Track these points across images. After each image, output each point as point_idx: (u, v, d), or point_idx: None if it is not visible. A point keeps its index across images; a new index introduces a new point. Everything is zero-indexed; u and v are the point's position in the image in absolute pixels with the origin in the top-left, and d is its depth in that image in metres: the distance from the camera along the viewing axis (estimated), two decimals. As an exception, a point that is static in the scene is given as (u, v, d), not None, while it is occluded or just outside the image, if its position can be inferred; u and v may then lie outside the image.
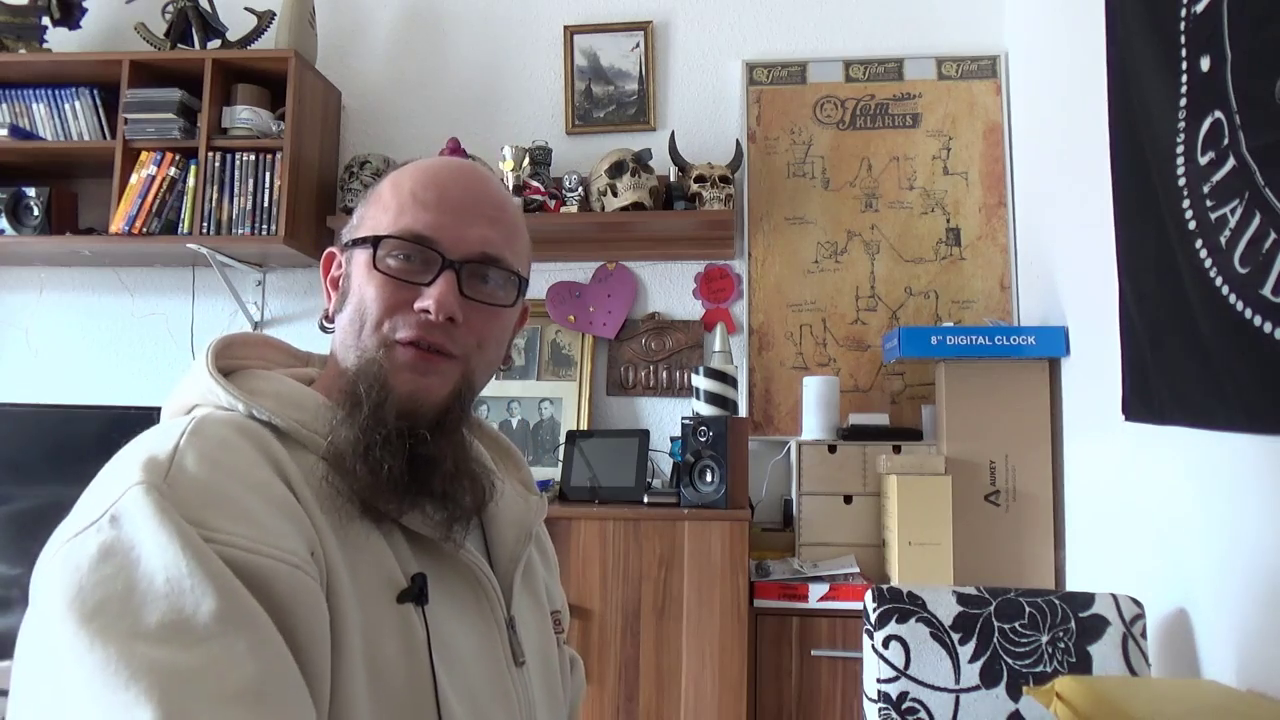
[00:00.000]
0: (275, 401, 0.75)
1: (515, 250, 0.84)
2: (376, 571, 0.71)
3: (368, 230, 0.81)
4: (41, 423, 2.44)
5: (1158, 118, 1.54)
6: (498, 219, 0.82)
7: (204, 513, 0.60)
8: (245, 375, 0.78)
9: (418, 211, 0.79)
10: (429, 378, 0.77)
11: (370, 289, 0.78)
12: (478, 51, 2.77)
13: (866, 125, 2.59)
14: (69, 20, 2.69)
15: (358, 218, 0.84)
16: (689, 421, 2.14)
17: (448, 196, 0.80)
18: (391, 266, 0.78)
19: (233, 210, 2.46)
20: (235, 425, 0.69)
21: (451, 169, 0.83)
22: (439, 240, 0.78)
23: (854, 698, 1.97)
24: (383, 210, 0.81)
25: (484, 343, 0.82)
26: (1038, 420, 2.12)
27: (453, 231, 0.79)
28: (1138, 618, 1.54)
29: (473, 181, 0.83)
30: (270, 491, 0.66)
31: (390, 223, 0.79)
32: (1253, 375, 1.27)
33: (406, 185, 0.81)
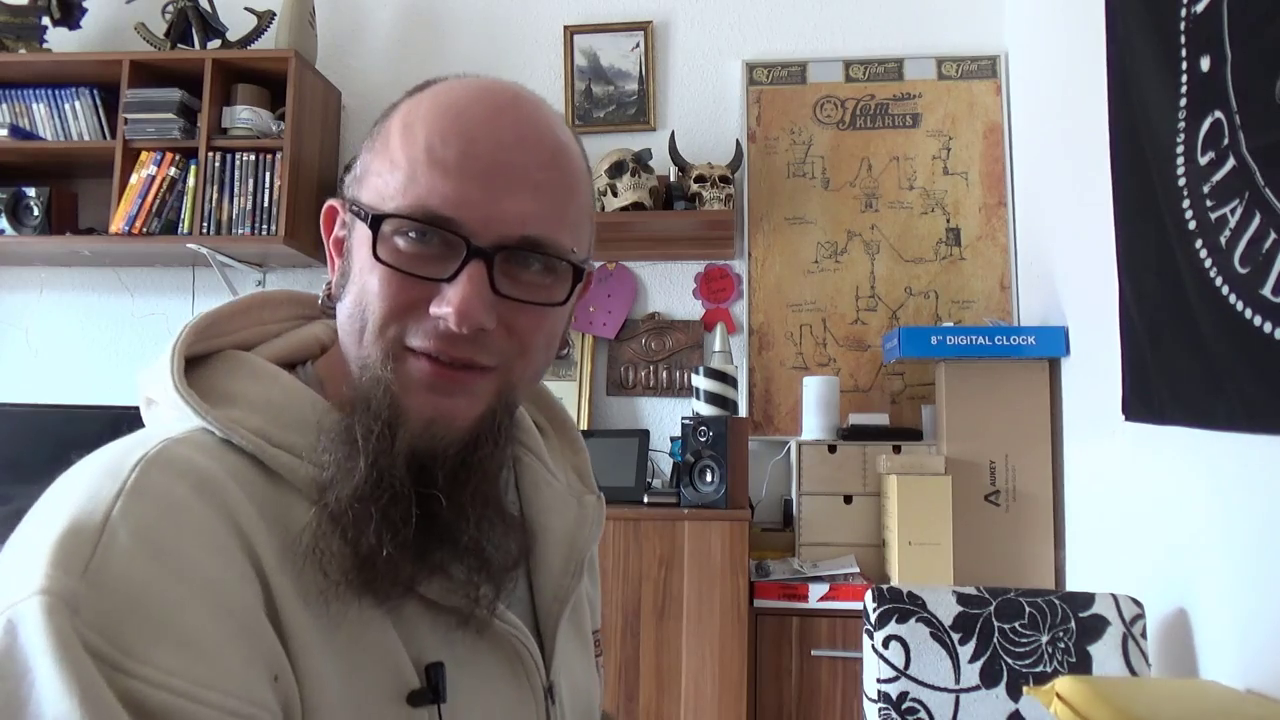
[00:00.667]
0: (262, 418, 0.58)
1: (570, 223, 0.62)
2: (380, 669, 0.56)
3: (370, 194, 0.60)
4: (41, 423, 2.44)
5: (1158, 118, 1.54)
6: (547, 182, 0.60)
7: (127, 634, 0.46)
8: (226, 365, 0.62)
9: (435, 176, 0.57)
10: (454, 399, 0.59)
11: (372, 280, 0.59)
12: (478, 51, 2.76)
13: (866, 125, 2.59)
14: (69, 20, 2.69)
15: (362, 166, 0.63)
16: (689, 421, 2.14)
17: (476, 152, 0.58)
18: (400, 252, 0.58)
19: (233, 210, 2.46)
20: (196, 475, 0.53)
21: (485, 104, 0.61)
22: (462, 220, 0.57)
23: (854, 698, 1.97)
24: (390, 166, 0.60)
25: (529, 348, 0.62)
26: (1038, 420, 2.12)
27: (483, 205, 0.57)
28: (1138, 618, 1.54)
29: (513, 123, 0.60)
30: (223, 595, 0.50)
31: (398, 189, 0.58)
32: (1253, 375, 1.27)
33: (421, 132, 0.59)
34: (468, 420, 0.60)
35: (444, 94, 0.62)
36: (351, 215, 0.62)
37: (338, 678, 0.54)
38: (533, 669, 0.66)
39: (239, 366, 0.62)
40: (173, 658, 0.46)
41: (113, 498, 0.50)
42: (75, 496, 0.51)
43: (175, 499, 0.51)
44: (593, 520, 0.76)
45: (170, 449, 0.54)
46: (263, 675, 0.50)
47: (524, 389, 0.66)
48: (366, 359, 0.59)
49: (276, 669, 0.51)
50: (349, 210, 0.62)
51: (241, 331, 0.65)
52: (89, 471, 0.53)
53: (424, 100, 0.62)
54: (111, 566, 0.47)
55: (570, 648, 0.73)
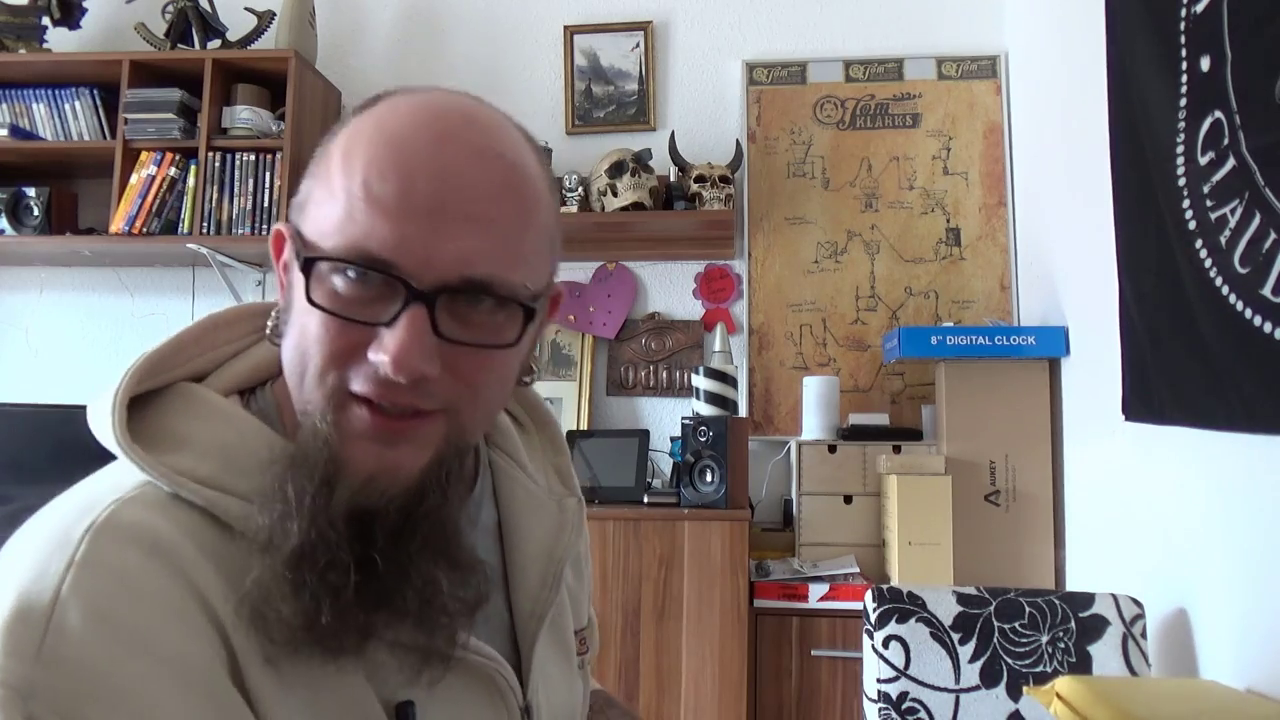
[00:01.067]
0: (213, 464, 0.55)
1: (524, 256, 0.58)
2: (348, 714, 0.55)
3: (310, 227, 0.56)
4: (41, 423, 2.44)
5: (1158, 118, 1.54)
6: (493, 216, 0.56)
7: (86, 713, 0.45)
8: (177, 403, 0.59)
9: (372, 216, 0.53)
10: (398, 449, 0.55)
11: (311, 325, 0.55)
12: (478, 51, 2.77)
13: (866, 125, 2.59)
14: (69, 20, 2.69)
15: (305, 191, 0.59)
16: (689, 421, 2.14)
17: (416, 188, 0.54)
18: (337, 296, 0.54)
19: (233, 210, 2.46)
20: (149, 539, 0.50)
21: (429, 133, 0.56)
22: (400, 263, 0.53)
23: (854, 698, 1.97)
24: (329, 196, 0.56)
25: (478, 388, 0.58)
26: (1038, 420, 2.11)
27: (422, 247, 0.53)
28: (1138, 618, 1.54)
29: (459, 156, 0.56)
30: (186, 666, 0.48)
31: (333, 227, 0.54)
32: (1253, 375, 1.27)
33: (359, 164, 0.55)
34: (413, 471, 0.56)
35: (388, 118, 0.57)
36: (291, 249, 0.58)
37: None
38: (508, 691, 0.64)
39: (186, 405, 0.59)
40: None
41: (62, 572, 0.48)
42: (21, 572, 0.48)
43: (128, 568, 0.49)
44: (573, 525, 0.73)
45: (119, 513, 0.51)
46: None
47: (475, 431, 0.63)
48: (308, 405, 0.56)
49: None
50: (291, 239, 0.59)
51: (195, 360, 0.62)
52: (35, 542, 0.50)
53: (366, 124, 0.57)
54: (66, 648, 0.45)
55: (549, 660, 0.71)
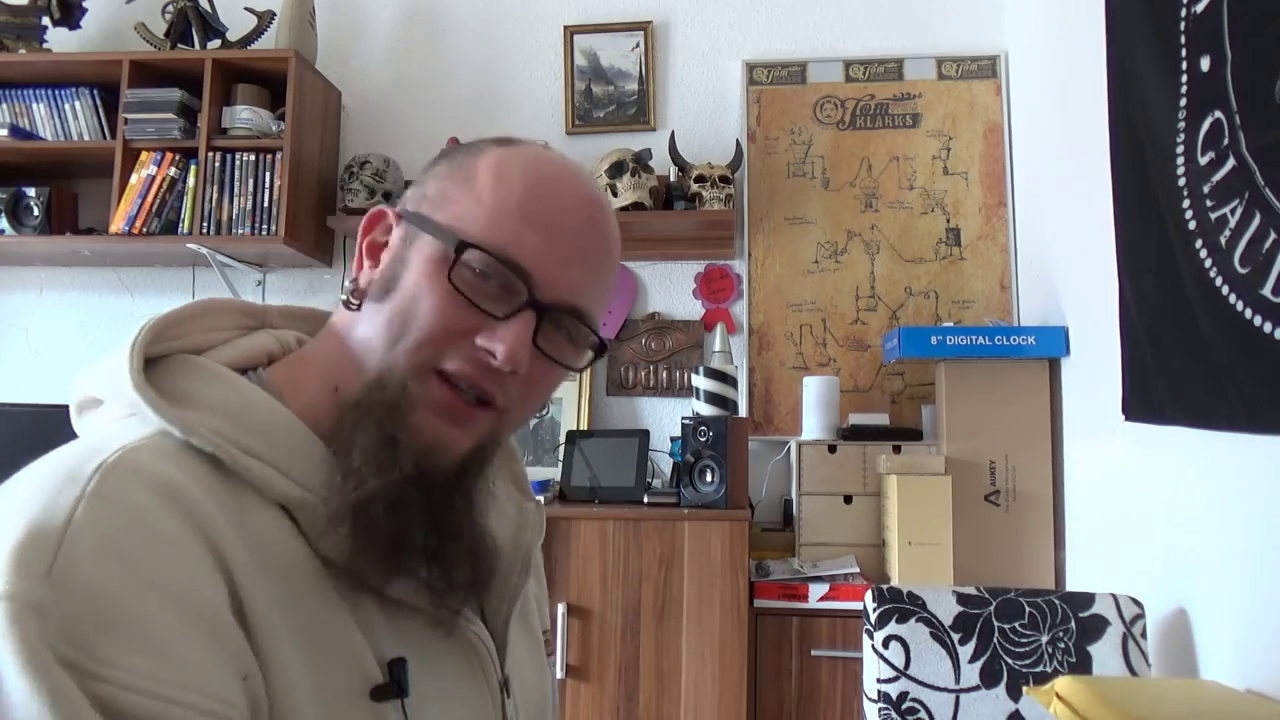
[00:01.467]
0: (222, 421, 0.58)
1: (604, 307, 0.70)
2: (344, 664, 0.57)
3: (451, 218, 0.64)
4: (41, 423, 2.44)
5: (1158, 118, 1.54)
6: (601, 268, 0.67)
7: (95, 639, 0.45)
8: (180, 369, 0.62)
9: (521, 227, 0.62)
10: (457, 430, 0.63)
11: (430, 300, 0.62)
12: (478, 51, 2.77)
13: (866, 125, 2.59)
14: (69, 20, 2.69)
15: (437, 190, 0.67)
16: (689, 421, 2.14)
17: (560, 221, 0.64)
18: (466, 281, 0.61)
19: (233, 210, 2.46)
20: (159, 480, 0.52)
21: (574, 185, 0.67)
22: (533, 273, 0.62)
23: (854, 698, 1.97)
24: (475, 201, 0.64)
25: (532, 399, 0.67)
26: (1038, 420, 2.12)
27: (553, 267, 0.63)
28: (1138, 618, 1.54)
29: (592, 212, 0.67)
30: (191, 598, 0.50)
31: (483, 225, 0.62)
32: (1253, 375, 1.27)
33: (516, 185, 0.64)
34: (461, 451, 0.63)
35: (542, 160, 0.67)
36: (415, 228, 0.65)
37: (305, 674, 0.54)
38: (488, 663, 0.68)
39: (191, 369, 0.62)
40: (142, 660, 0.46)
41: (73, 502, 0.49)
42: (31, 503, 0.50)
43: (138, 505, 0.51)
44: (533, 524, 0.78)
45: (130, 455, 0.53)
46: (233, 676, 0.50)
47: (510, 434, 0.71)
48: (393, 366, 0.61)
49: (245, 670, 0.51)
50: (411, 222, 0.65)
51: (193, 336, 0.65)
52: (42, 479, 0.52)
53: (518, 157, 0.66)
54: (76, 570, 0.47)
55: (521, 645, 0.75)
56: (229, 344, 0.67)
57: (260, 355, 0.68)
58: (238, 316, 0.70)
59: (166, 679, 0.46)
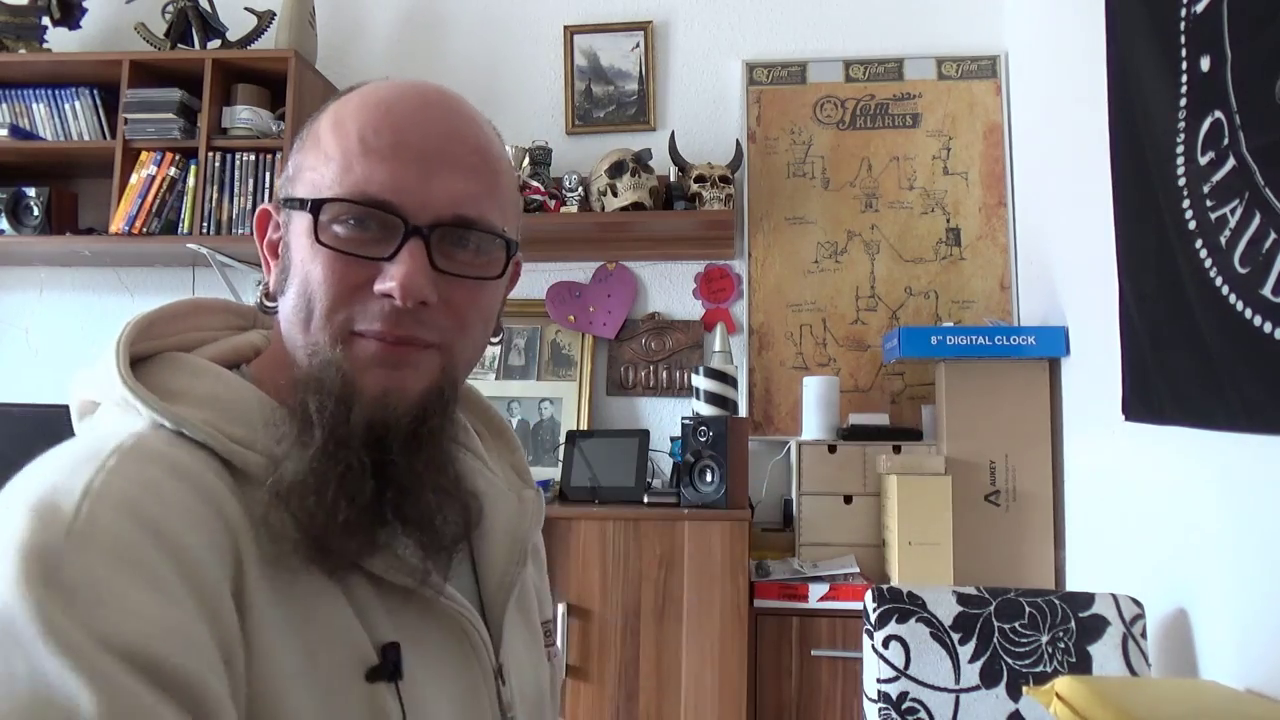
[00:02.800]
0: (210, 411, 0.59)
1: (499, 203, 0.66)
2: (338, 646, 0.58)
3: (306, 188, 0.63)
4: (41, 423, 2.44)
5: (1158, 118, 1.54)
6: (475, 166, 0.64)
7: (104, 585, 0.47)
8: (168, 366, 0.63)
9: (370, 163, 0.60)
10: (402, 371, 0.61)
11: (316, 268, 0.61)
12: (478, 51, 2.77)
13: (866, 125, 2.59)
14: (69, 20, 2.69)
15: (293, 166, 0.66)
16: (689, 421, 2.14)
17: (407, 140, 0.61)
18: (340, 237, 0.60)
19: (233, 210, 2.46)
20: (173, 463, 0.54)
21: (410, 99, 0.64)
22: (399, 203, 0.60)
23: (854, 698, 1.97)
24: (324, 160, 0.62)
25: (467, 323, 0.65)
26: (1038, 420, 2.12)
27: (417, 188, 0.61)
28: (1138, 618, 1.54)
29: (440, 115, 0.64)
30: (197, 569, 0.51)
31: (334, 179, 0.61)
32: (1253, 375, 1.27)
33: (353, 126, 0.62)
34: (416, 392, 0.62)
35: (370, 92, 0.65)
36: (288, 211, 0.64)
37: (297, 655, 0.55)
38: (481, 650, 0.67)
39: (180, 366, 0.63)
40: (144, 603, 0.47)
41: (92, 476, 0.51)
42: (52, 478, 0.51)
43: (155, 480, 0.52)
44: (533, 512, 0.77)
45: (143, 439, 0.56)
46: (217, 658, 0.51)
47: (465, 366, 0.68)
48: (315, 344, 0.61)
49: (229, 655, 0.51)
50: (284, 209, 0.65)
51: (180, 335, 0.66)
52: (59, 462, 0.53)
53: (351, 99, 0.65)
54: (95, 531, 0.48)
55: (517, 635, 0.75)
56: (218, 342, 0.68)
57: (247, 351, 0.69)
58: (227, 316, 0.71)
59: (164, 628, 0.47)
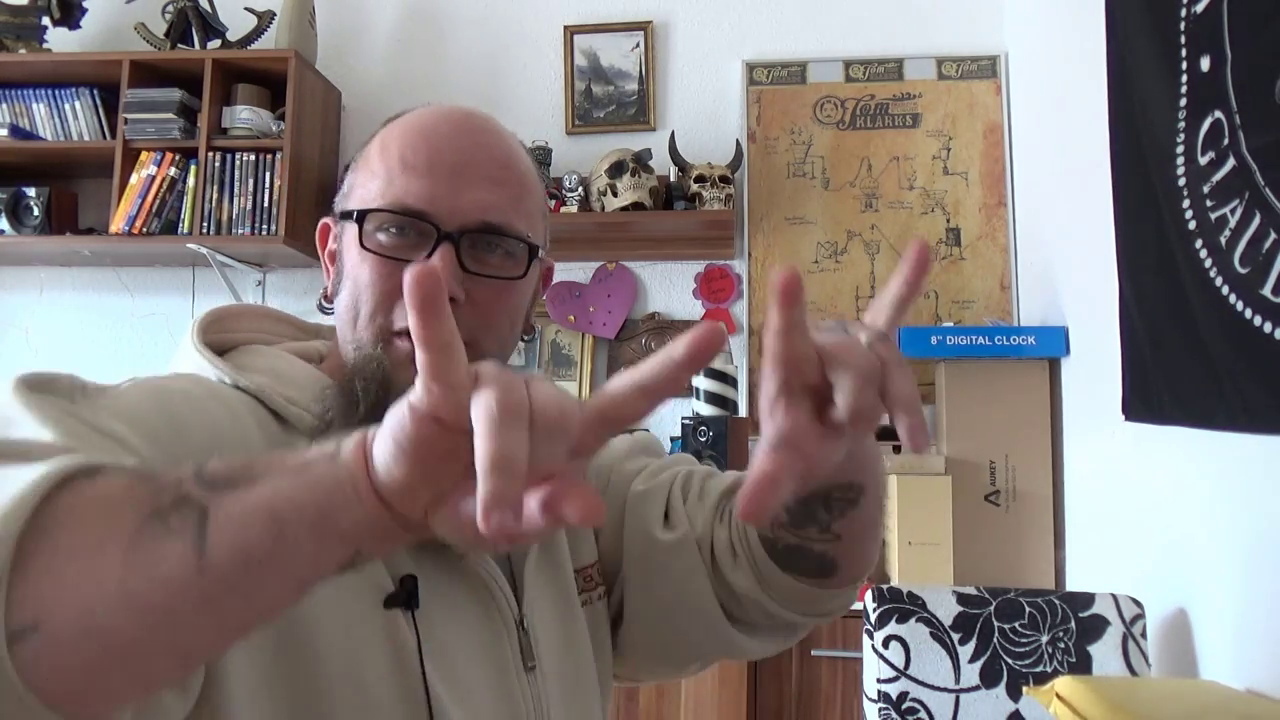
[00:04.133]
0: (266, 377, 0.68)
1: (524, 212, 0.73)
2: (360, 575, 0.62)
3: (356, 202, 0.72)
4: (41, 423, 2.44)
5: (1158, 118, 1.54)
6: (501, 179, 0.72)
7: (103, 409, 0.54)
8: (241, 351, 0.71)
9: (408, 179, 0.69)
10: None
11: (363, 271, 0.69)
12: (478, 51, 2.76)
13: (866, 125, 2.59)
14: (69, 20, 2.69)
15: (348, 185, 0.75)
16: (689, 421, 2.14)
17: (440, 158, 0.70)
18: (382, 243, 0.69)
19: (233, 210, 2.46)
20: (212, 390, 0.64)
21: (446, 122, 0.73)
22: (432, 211, 0.68)
23: (854, 698, 1.97)
24: (371, 177, 0.72)
25: (492, 321, 0.71)
26: (1038, 420, 2.11)
27: (448, 199, 0.69)
28: (1138, 618, 1.54)
29: (471, 136, 0.73)
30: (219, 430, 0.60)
31: (378, 193, 0.70)
32: (1253, 375, 1.27)
33: (395, 148, 0.71)
34: None
35: (413, 118, 0.74)
36: (341, 222, 0.73)
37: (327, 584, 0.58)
38: (503, 602, 0.71)
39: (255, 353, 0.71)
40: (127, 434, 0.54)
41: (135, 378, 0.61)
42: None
43: (193, 392, 0.61)
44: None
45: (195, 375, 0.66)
46: None
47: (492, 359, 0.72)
48: (360, 341, 0.69)
49: None
50: (340, 220, 0.74)
51: (244, 332, 0.74)
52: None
53: (396, 125, 0.74)
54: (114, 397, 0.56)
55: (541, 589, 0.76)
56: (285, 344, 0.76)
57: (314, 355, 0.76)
58: (291, 328, 0.80)
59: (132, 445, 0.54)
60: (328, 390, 0.68)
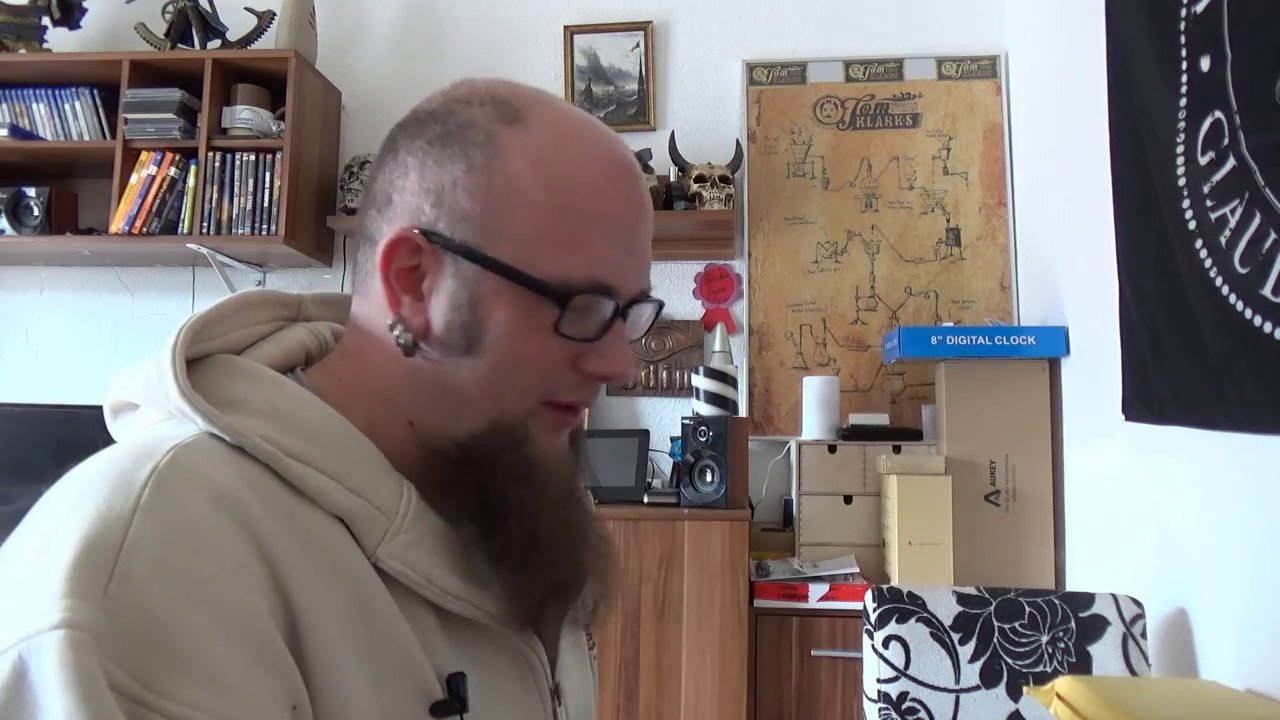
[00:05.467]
0: (269, 424, 0.55)
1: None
2: (404, 680, 0.55)
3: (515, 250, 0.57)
4: (41, 423, 2.44)
5: (1158, 118, 1.54)
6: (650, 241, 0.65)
7: (148, 666, 0.44)
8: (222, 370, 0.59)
9: (594, 240, 0.58)
10: (560, 434, 0.63)
11: (533, 351, 0.59)
12: (478, 51, 2.76)
13: (866, 125, 2.59)
14: (69, 20, 2.69)
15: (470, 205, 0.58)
16: (689, 421, 2.14)
17: (625, 221, 0.61)
18: (564, 323, 0.58)
19: (233, 210, 2.46)
20: (213, 490, 0.50)
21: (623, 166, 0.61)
22: (619, 287, 0.60)
23: (854, 698, 1.97)
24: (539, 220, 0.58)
25: None
26: (1038, 420, 2.11)
27: (629, 273, 0.61)
28: (1138, 618, 1.54)
29: (644, 193, 0.63)
30: (244, 621, 0.48)
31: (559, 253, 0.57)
32: (1253, 375, 1.27)
33: (587, 200, 0.58)
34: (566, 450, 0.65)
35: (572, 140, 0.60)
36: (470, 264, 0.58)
37: (364, 693, 0.52)
38: (540, 673, 0.66)
39: (234, 371, 0.59)
40: (195, 690, 0.44)
41: (128, 515, 0.47)
42: (84, 513, 0.48)
43: (193, 517, 0.49)
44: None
45: (181, 458, 0.51)
46: (283, 704, 0.48)
47: None
48: (503, 413, 0.60)
49: (295, 699, 0.49)
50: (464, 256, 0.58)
51: (229, 335, 0.62)
52: (95, 484, 0.50)
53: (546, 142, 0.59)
54: (130, 594, 0.45)
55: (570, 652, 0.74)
56: (267, 340, 0.65)
57: (299, 353, 0.65)
58: (273, 308, 0.67)
59: (219, 711, 0.44)
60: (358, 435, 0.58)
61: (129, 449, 0.53)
